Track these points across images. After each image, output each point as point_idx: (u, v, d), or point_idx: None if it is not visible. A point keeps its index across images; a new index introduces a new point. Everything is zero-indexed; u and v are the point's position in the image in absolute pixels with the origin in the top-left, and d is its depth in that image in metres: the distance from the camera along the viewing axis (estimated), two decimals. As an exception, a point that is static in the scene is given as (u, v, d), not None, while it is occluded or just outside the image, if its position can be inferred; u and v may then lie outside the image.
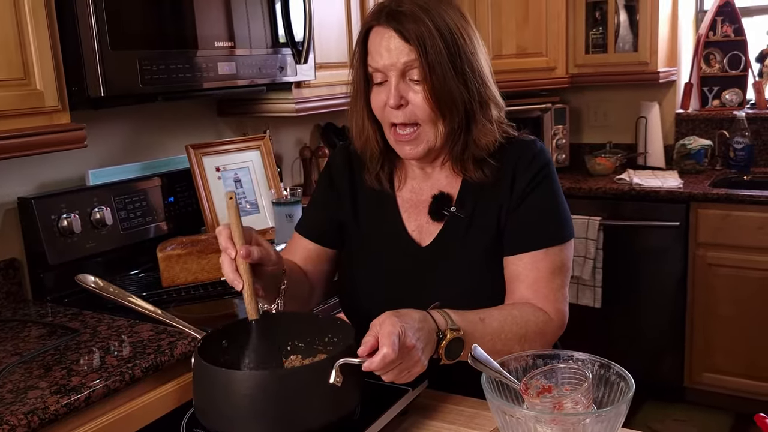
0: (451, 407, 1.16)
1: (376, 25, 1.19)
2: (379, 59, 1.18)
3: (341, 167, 1.38)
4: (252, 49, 2.02)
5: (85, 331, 1.62)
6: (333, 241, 1.38)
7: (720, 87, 3.46)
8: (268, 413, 0.92)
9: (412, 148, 1.22)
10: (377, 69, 1.20)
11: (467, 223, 1.26)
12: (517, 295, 1.22)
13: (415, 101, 1.18)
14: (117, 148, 2.17)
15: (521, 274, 1.22)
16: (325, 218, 1.38)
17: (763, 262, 2.78)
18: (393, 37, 1.17)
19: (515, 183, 1.24)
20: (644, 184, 3.02)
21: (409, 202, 1.33)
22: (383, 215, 1.33)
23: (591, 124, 3.70)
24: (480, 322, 1.11)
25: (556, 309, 1.22)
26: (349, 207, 1.36)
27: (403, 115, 1.19)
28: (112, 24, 1.63)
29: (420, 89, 1.18)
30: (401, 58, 1.16)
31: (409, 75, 1.18)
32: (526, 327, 1.16)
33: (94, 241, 1.97)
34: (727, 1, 3.36)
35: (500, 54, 3.27)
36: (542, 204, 1.24)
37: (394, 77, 1.18)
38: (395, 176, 1.34)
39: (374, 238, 1.33)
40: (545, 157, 1.27)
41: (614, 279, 3.08)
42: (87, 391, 1.32)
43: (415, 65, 1.16)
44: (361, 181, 1.35)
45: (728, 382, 2.94)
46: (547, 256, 1.22)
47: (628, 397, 0.90)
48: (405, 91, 1.18)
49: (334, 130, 2.95)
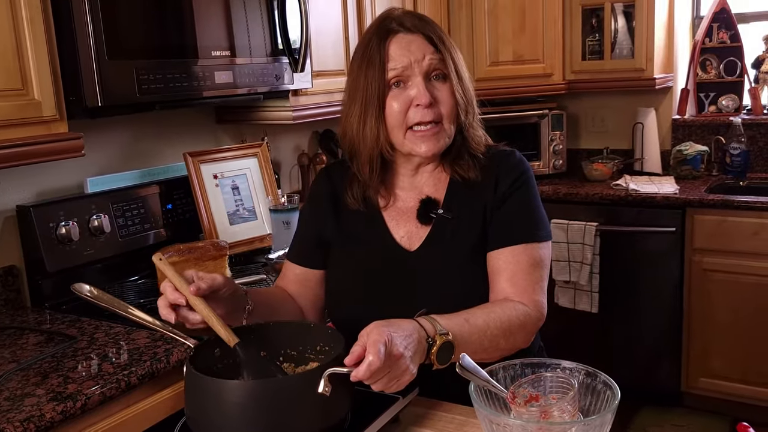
0: (441, 415, 1.17)
1: (395, 34, 1.27)
2: (405, 61, 1.25)
3: (326, 187, 1.42)
4: (249, 58, 2.04)
5: (82, 338, 1.64)
6: (320, 263, 1.41)
7: (716, 93, 3.48)
8: (258, 423, 0.94)
9: (433, 144, 1.28)
10: (401, 72, 1.25)
11: (455, 224, 1.31)
12: (498, 289, 1.26)
13: (443, 98, 1.27)
14: (115, 156, 2.19)
15: (501, 267, 1.27)
16: (310, 242, 1.41)
17: (759, 267, 2.79)
18: (418, 39, 1.26)
19: (498, 186, 1.31)
20: (641, 190, 3.04)
21: (395, 211, 1.36)
22: (369, 228, 1.36)
23: (588, 130, 3.72)
24: (466, 323, 1.14)
25: (534, 300, 1.25)
26: (334, 224, 1.39)
27: (432, 113, 1.26)
28: (109, 34, 1.65)
29: (445, 87, 1.27)
30: (428, 57, 1.25)
31: (435, 73, 1.27)
32: (509, 322, 1.19)
33: (93, 249, 1.99)
34: (723, 7, 3.38)
35: (497, 61, 3.29)
36: (521, 205, 1.31)
37: (420, 77, 1.25)
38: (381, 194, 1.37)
39: (360, 251, 1.36)
40: (525, 165, 1.35)
41: (611, 284, 3.09)
42: (83, 399, 1.33)
43: (441, 66, 1.26)
44: (344, 202, 1.38)
45: (725, 387, 2.95)
46: (525, 251, 1.27)
47: (614, 406, 0.91)
48: (431, 90, 1.26)
49: (332, 136, 2.96)
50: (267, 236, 2.36)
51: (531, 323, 1.24)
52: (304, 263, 1.41)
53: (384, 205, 1.37)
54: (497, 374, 1.02)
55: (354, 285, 1.35)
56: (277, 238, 2.24)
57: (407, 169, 1.35)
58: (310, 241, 1.41)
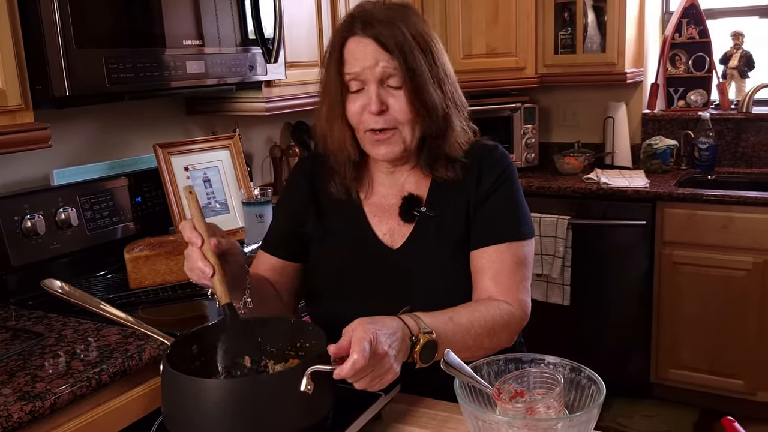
0: (424, 411, 1.16)
1: (352, 36, 1.22)
2: (358, 67, 1.20)
3: (304, 180, 1.39)
4: (221, 48, 1.99)
5: (50, 335, 1.59)
6: (297, 254, 1.38)
7: (685, 88, 3.52)
8: (239, 421, 0.91)
9: (389, 149, 1.25)
10: (355, 77, 1.22)
11: (438, 222, 1.29)
12: (481, 287, 1.25)
13: (396, 106, 1.21)
14: (82, 148, 2.13)
15: (485, 266, 1.25)
16: (288, 233, 1.38)
17: (727, 260, 2.84)
18: (371, 44, 1.19)
19: (480, 183, 1.29)
20: (612, 184, 3.06)
21: (377, 207, 1.34)
22: (351, 224, 1.34)
23: (560, 123, 3.74)
24: (450, 321, 1.13)
25: (518, 299, 1.25)
26: (314, 218, 1.36)
27: (384, 120, 1.22)
28: (77, 21, 1.60)
29: (400, 94, 1.21)
30: (381, 65, 1.19)
31: (388, 82, 1.21)
32: (493, 321, 1.18)
33: (59, 243, 1.93)
34: (692, 3, 3.42)
35: (470, 54, 3.29)
36: (504, 202, 1.29)
37: (373, 84, 1.21)
38: (361, 185, 1.36)
39: (343, 247, 1.34)
40: (507, 161, 1.32)
41: (583, 277, 3.11)
42: (52, 398, 1.29)
43: (395, 72, 1.19)
44: (326, 192, 1.35)
45: (694, 378, 3.00)
46: (509, 249, 1.25)
47: (599, 402, 0.91)
48: (385, 97, 1.21)
49: (304, 128, 2.93)
50: (240, 230, 2.32)
51: (515, 323, 1.23)
52: (282, 255, 1.38)
53: (364, 197, 1.35)
54: (481, 370, 1.01)
55: (335, 281, 1.33)
56: (250, 232, 2.21)
57: (383, 166, 1.34)
58: (289, 233, 1.38)
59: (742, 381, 2.89)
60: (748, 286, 2.81)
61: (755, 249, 2.78)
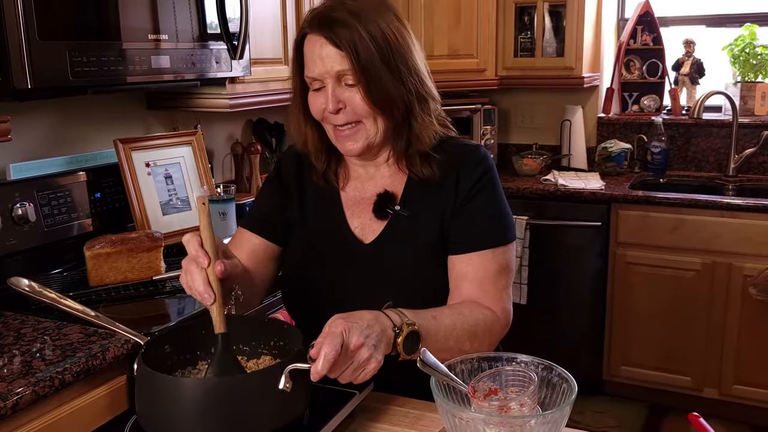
0: (396, 409, 1.17)
1: (309, 33, 1.23)
2: (314, 68, 1.22)
3: (290, 166, 1.41)
4: (186, 43, 1.97)
5: (8, 333, 1.55)
6: (279, 237, 1.38)
7: (639, 93, 3.62)
8: (217, 420, 0.91)
9: (353, 144, 1.26)
10: (313, 78, 1.23)
11: (410, 222, 1.29)
12: (464, 294, 1.25)
13: (353, 102, 1.22)
14: (40, 141, 2.08)
15: (469, 273, 1.25)
16: (271, 214, 1.39)
17: (677, 261, 2.93)
18: (325, 44, 1.20)
19: (459, 185, 1.28)
20: (569, 185, 3.13)
21: (353, 199, 1.35)
22: (328, 212, 1.35)
23: (518, 125, 3.80)
24: (433, 320, 1.14)
25: (503, 308, 1.26)
26: (297, 205, 1.37)
27: (344, 117, 1.24)
28: (40, 12, 1.55)
29: (354, 91, 1.21)
30: (335, 65, 1.20)
31: (345, 80, 1.22)
32: (476, 325, 1.20)
33: (16, 239, 1.88)
34: (647, 10, 3.51)
35: (432, 54, 3.31)
36: (488, 206, 1.29)
37: (330, 83, 1.22)
38: (339, 174, 1.38)
39: (318, 236, 1.35)
40: (489, 163, 1.32)
41: (539, 276, 3.17)
42: (14, 398, 1.26)
43: (349, 71, 1.20)
44: (310, 179, 1.37)
45: (644, 375, 3.09)
46: (494, 257, 1.26)
47: (571, 399, 0.94)
48: (341, 95, 1.22)
49: (266, 126, 2.91)
50: (201, 227, 2.29)
51: (497, 330, 1.25)
52: (265, 234, 1.37)
53: (342, 187, 1.37)
54: (455, 368, 1.02)
55: (310, 271, 1.33)
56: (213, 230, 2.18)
57: (355, 159, 1.34)
58: (274, 213, 1.38)
59: (690, 378, 2.99)
60: (696, 287, 2.91)
61: (704, 250, 2.88)
